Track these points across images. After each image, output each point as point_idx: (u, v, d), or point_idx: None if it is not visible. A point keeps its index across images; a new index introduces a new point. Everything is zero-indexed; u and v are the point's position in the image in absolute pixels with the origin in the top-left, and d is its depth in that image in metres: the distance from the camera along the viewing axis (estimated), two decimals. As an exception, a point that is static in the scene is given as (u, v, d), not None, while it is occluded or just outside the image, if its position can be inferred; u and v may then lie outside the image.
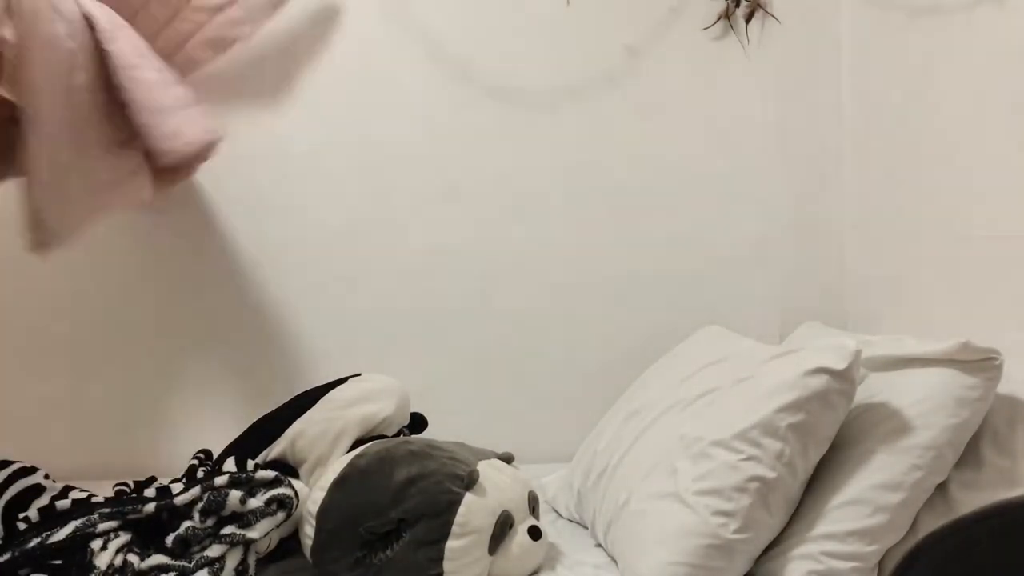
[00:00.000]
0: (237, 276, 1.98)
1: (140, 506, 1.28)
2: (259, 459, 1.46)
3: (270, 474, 1.33)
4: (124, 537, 1.26)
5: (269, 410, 1.56)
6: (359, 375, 1.58)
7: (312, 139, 2.00)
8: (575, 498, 1.59)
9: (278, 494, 1.30)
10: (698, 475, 1.27)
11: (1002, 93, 1.52)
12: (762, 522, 1.25)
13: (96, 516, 1.26)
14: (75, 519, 1.26)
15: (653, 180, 2.09)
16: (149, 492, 1.34)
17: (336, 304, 2.01)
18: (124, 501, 1.31)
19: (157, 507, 1.28)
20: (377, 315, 2.02)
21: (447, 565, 1.25)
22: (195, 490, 1.28)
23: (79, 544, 1.23)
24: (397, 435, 1.55)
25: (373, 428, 1.50)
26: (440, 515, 1.26)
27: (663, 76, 2.08)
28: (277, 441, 1.46)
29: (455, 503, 1.27)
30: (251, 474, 1.31)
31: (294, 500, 1.31)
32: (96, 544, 1.23)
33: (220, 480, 1.29)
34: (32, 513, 1.32)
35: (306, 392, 1.55)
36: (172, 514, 1.29)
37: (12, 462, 1.44)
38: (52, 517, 1.30)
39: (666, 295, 2.09)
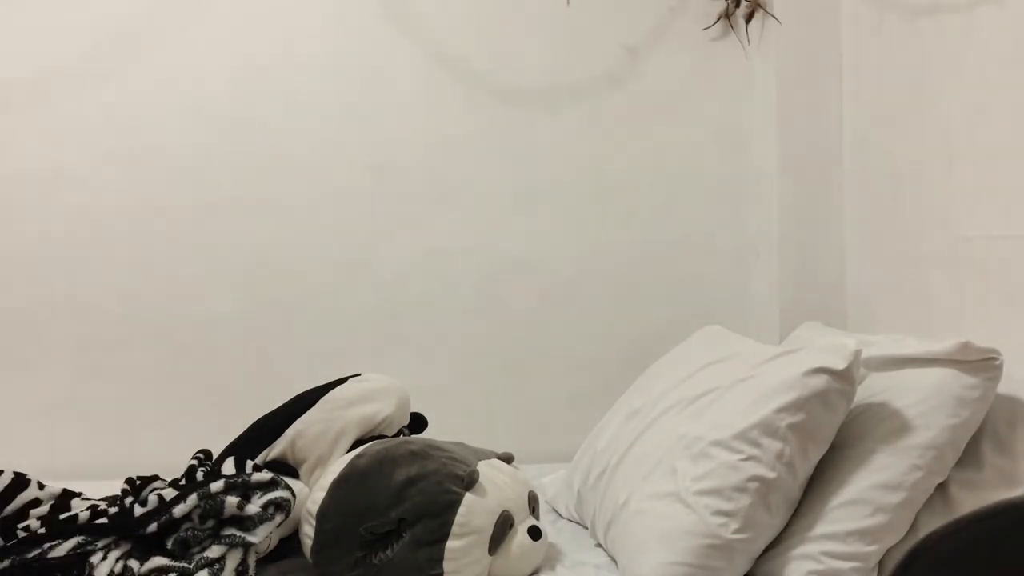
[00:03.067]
0: (238, 275, 1.98)
1: (142, 529, 1.28)
2: (259, 459, 1.45)
3: (266, 476, 1.33)
4: (124, 547, 1.26)
5: (269, 410, 1.56)
6: (359, 375, 1.58)
7: (312, 138, 2.00)
8: (575, 498, 1.59)
9: (275, 498, 1.29)
10: (698, 475, 1.27)
11: (1002, 93, 1.52)
12: (762, 522, 1.25)
13: (97, 537, 1.26)
14: (77, 535, 1.26)
15: (653, 180, 2.09)
16: (150, 498, 1.33)
17: (336, 304, 2.01)
18: (124, 523, 1.30)
19: (159, 526, 1.28)
20: (377, 315, 2.02)
21: (447, 565, 1.25)
22: (192, 499, 1.27)
23: (78, 559, 1.23)
24: (397, 435, 1.55)
25: (373, 428, 1.50)
26: (440, 515, 1.26)
27: (663, 76, 2.08)
28: (277, 441, 1.46)
29: (455, 503, 1.27)
30: (247, 477, 1.31)
31: (291, 502, 1.31)
32: (96, 558, 1.23)
33: (216, 486, 1.28)
34: (33, 523, 1.31)
35: (306, 392, 1.55)
36: (171, 525, 1.29)
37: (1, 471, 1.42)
38: (53, 529, 1.29)
39: (666, 295, 2.09)
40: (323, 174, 2.00)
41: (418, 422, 1.65)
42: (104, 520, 1.29)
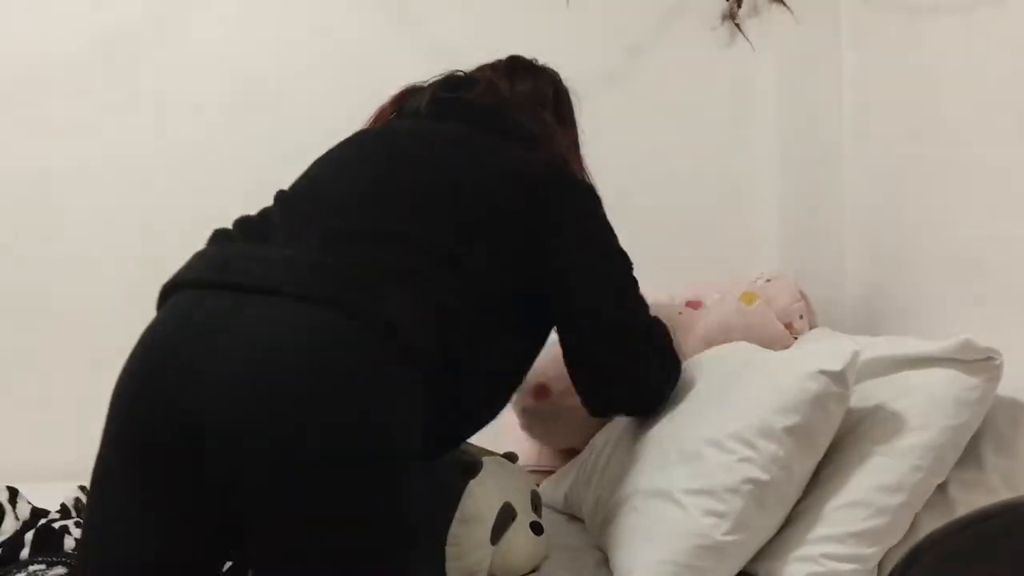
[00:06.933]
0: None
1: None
2: None
3: None
4: None
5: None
6: None
7: (311, 139, 1.99)
8: (573, 496, 1.59)
9: None
10: (691, 475, 1.26)
11: (1002, 93, 1.51)
12: (755, 524, 1.23)
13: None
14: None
15: (653, 180, 2.09)
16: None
17: (335, 304, 2.00)
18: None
19: None
20: (376, 315, 2.01)
21: (450, 551, 1.26)
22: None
23: None
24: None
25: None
26: (443, 500, 1.27)
27: (664, 75, 2.08)
28: None
29: (459, 489, 1.28)
30: None
31: None
32: None
33: None
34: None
35: None
36: None
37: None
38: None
39: (666, 295, 2.08)
40: (323, 173, 1.99)
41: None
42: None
